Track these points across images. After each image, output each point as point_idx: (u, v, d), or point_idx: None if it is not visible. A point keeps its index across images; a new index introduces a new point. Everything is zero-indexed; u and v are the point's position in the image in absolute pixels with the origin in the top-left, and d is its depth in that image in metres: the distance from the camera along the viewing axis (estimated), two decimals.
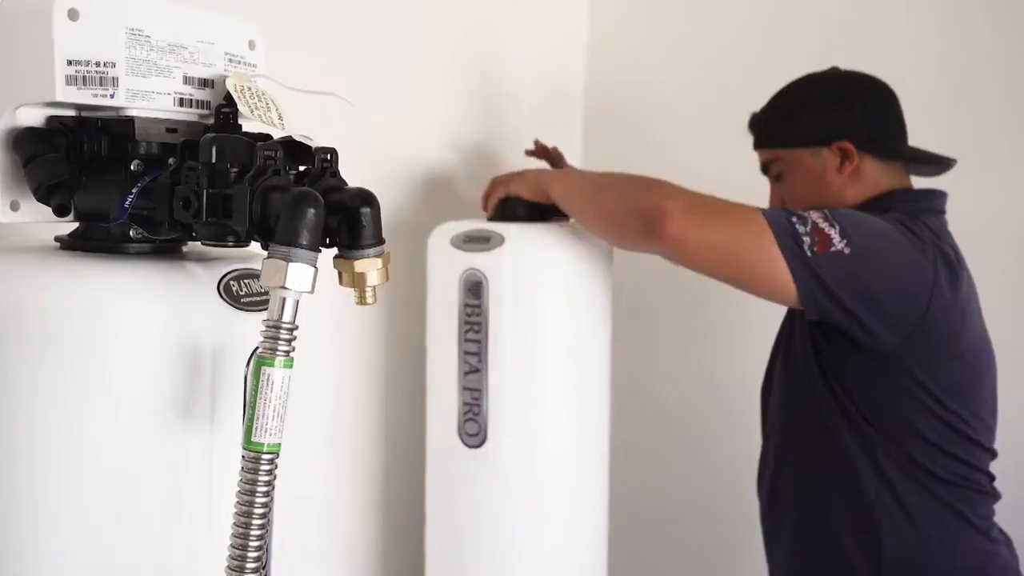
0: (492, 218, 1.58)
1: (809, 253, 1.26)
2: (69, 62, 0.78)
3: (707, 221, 1.29)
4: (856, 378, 1.37)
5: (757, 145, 1.55)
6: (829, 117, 1.47)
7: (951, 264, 1.37)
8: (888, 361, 1.34)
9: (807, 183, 1.48)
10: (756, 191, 2.09)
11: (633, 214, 1.33)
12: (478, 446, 1.52)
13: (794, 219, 1.29)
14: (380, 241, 0.80)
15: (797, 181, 1.49)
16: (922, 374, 1.34)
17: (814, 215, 1.30)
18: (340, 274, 0.81)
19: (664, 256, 1.37)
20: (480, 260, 1.50)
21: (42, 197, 0.83)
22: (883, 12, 2.01)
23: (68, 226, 0.87)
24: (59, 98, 0.79)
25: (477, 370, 1.52)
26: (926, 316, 1.32)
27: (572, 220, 1.58)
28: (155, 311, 0.79)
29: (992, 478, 1.44)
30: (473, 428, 1.52)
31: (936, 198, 1.48)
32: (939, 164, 1.50)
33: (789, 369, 1.50)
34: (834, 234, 1.27)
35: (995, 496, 1.44)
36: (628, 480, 1.88)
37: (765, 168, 1.55)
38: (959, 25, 1.95)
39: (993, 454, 1.43)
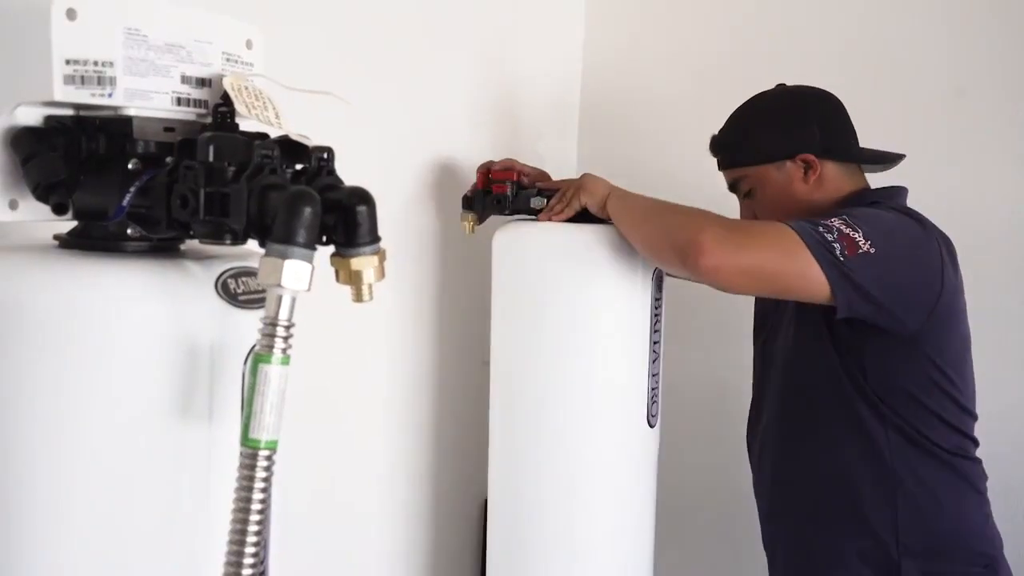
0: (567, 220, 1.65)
1: (842, 258, 1.32)
2: (67, 62, 0.79)
3: (739, 248, 1.35)
4: (872, 357, 1.45)
5: (722, 166, 1.63)
6: (788, 133, 1.55)
7: (948, 246, 1.45)
8: (905, 341, 1.42)
9: (776, 195, 1.56)
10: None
11: (671, 249, 1.41)
12: (655, 425, 1.69)
13: (820, 228, 1.34)
14: (376, 239, 0.80)
15: (766, 195, 1.57)
16: (932, 350, 1.43)
17: (836, 221, 1.35)
18: (337, 272, 0.81)
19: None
20: None
21: (40, 196, 0.83)
22: (882, 12, 2.01)
23: (67, 224, 0.87)
24: (57, 97, 0.79)
25: (658, 356, 1.68)
26: (940, 297, 1.40)
27: None
28: (153, 309, 0.79)
29: (977, 443, 1.51)
30: (655, 409, 1.68)
31: (902, 194, 1.55)
32: (889, 160, 1.57)
33: (797, 348, 1.55)
34: (858, 236, 1.33)
35: (981, 464, 1.52)
36: None
37: (733, 186, 1.63)
38: (959, 25, 1.95)
39: (975, 419, 1.51)
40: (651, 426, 1.68)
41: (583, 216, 1.61)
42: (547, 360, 1.64)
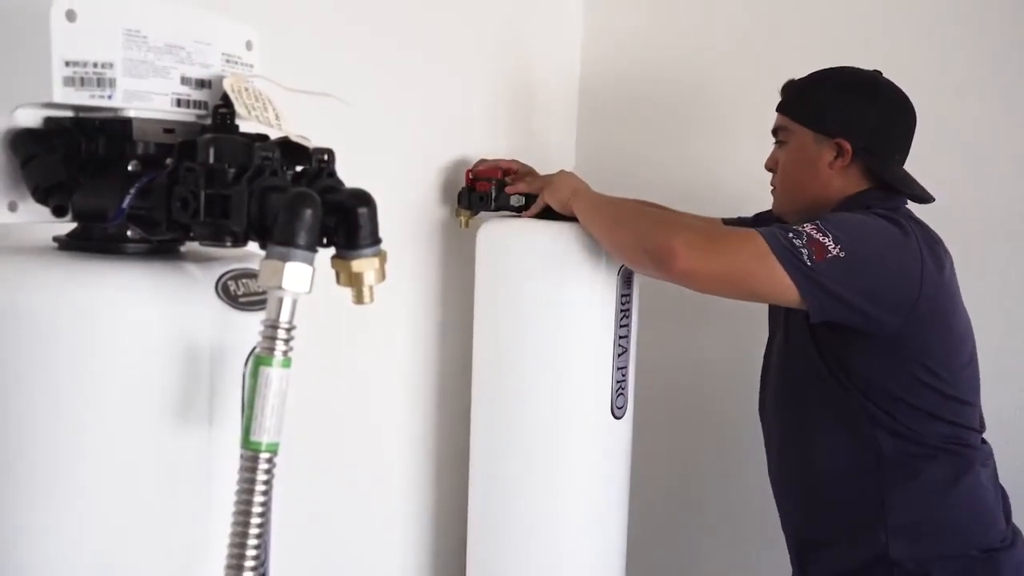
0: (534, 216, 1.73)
1: (808, 263, 1.35)
2: (67, 63, 0.78)
3: (710, 253, 1.39)
4: (856, 358, 1.47)
5: (778, 108, 1.64)
6: (844, 112, 1.54)
7: (933, 246, 1.47)
8: (888, 342, 1.43)
9: (799, 162, 1.58)
10: (741, 184, 2.12)
11: (645, 252, 1.45)
12: (621, 417, 1.74)
13: (790, 234, 1.37)
14: (377, 241, 0.80)
15: (792, 155, 1.59)
16: (917, 350, 1.44)
17: (807, 227, 1.38)
18: (337, 274, 0.81)
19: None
20: None
21: (40, 198, 0.83)
22: (882, 11, 2.01)
23: (66, 226, 0.87)
24: (57, 99, 0.79)
25: (626, 350, 1.73)
26: (919, 297, 1.41)
27: None
28: (153, 311, 0.79)
29: (980, 431, 1.54)
30: (621, 402, 1.73)
31: (901, 201, 1.56)
32: (916, 195, 1.56)
33: (788, 348, 1.59)
34: (828, 241, 1.36)
35: (985, 450, 1.54)
36: None
37: (776, 131, 1.64)
38: (959, 25, 1.95)
39: (976, 406, 1.53)
40: (616, 418, 1.72)
41: (552, 213, 1.69)
42: (516, 353, 1.71)
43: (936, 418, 1.47)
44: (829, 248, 1.35)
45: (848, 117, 1.53)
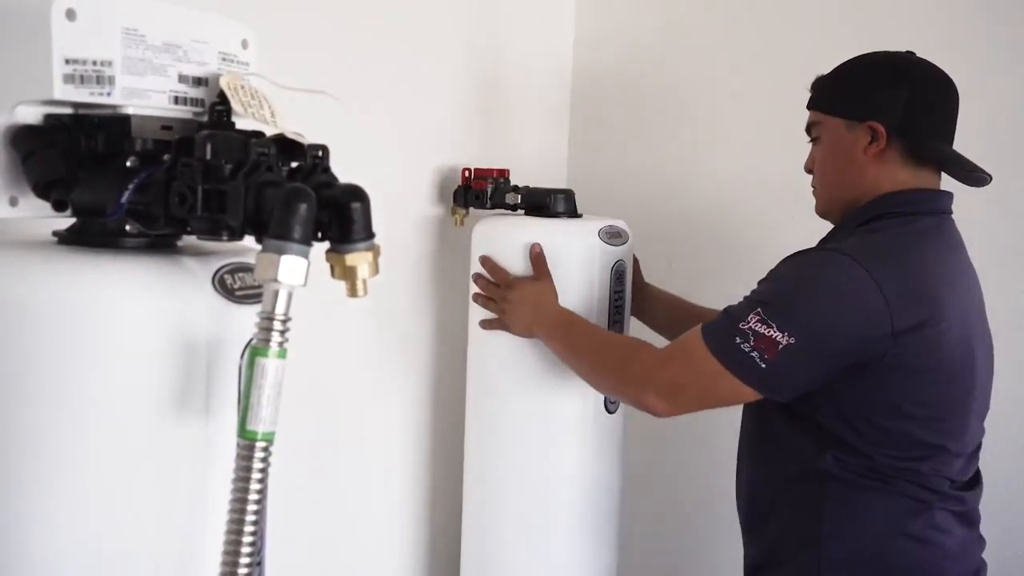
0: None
1: (763, 365, 1.32)
2: (67, 61, 0.80)
3: (681, 396, 1.43)
4: (820, 396, 1.39)
5: (808, 104, 1.57)
6: (872, 95, 1.47)
7: (909, 280, 1.36)
8: (856, 382, 1.36)
9: (835, 154, 1.50)
10: (736, 184, 2.13)
11: (627, 403, 1.58)
12: (614, 412, 1.77)
13: (737, 339, 1.34)
14: (370, 235, 0.82)
15: (828, 149, 1.52)
16: (888, 381, 1.35)
17: (752, 320, 1.34)
18: (332, 267, 0.83)
19: None
20: (622, 251, 1.74)
21: (40, 193, 0.85)
22: (880, 10, 2.01)
23: (66, 221, 0.88)
24: (57, 96, 0.81)
25: None
26: (894, 337, 1.32)
27: None
28: (151, 304, 0.80)
29: (953, 480, 1.42)
30: (614, 397, 1.76)
31: (938, 199, 1.48)
32: (973, 175, 1.48)
33: None
34: (774, 333, 1.32)
35: (952, 495, 1.42)
36: None
37: (809, 128, 1.57)
38: (960, 26, 1.95)
39: (961, 456, 1.42)
40: (610, 412, 1.75)
41: (547, 212, 1.74)
42: (510, 348, 1.71)
43: (900, 449, 1.37)
44: (778, 340, 1.31)
45: (878, 98, 1.45)
